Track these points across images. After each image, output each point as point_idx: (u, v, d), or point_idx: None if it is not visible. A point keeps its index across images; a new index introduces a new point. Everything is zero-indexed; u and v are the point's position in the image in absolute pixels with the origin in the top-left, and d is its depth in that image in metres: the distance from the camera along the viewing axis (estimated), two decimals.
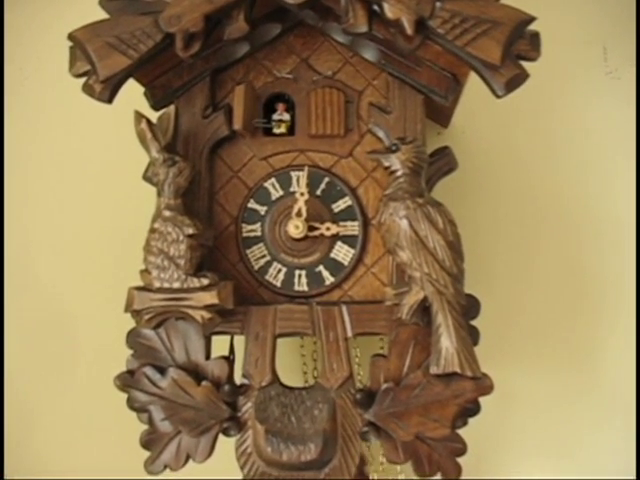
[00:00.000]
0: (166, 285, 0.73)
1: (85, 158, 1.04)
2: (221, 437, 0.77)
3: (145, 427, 0.77)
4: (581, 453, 0.98)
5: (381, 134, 0.79)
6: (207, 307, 0.73)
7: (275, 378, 0.77)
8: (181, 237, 0.73)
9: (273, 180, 0.81)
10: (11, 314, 1.03)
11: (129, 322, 0.76)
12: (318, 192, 0.80)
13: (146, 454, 0.77)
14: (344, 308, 0.77)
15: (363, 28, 0.71)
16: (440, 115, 0.92)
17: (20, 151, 1.05)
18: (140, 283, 0.75)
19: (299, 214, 0.77)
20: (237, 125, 0.78)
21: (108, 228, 1.02)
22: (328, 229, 0.79)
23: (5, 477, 0.95)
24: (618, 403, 0.97)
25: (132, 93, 0.77)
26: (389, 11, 0.68)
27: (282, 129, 0.82)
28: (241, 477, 0.76)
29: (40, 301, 1.03)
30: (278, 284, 0.80)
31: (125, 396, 0.77)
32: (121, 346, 0.78)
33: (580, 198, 1.00)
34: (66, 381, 1.02)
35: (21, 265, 1.04)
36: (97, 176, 1.03)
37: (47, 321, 1.03)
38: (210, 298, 0.73)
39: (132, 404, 0.77)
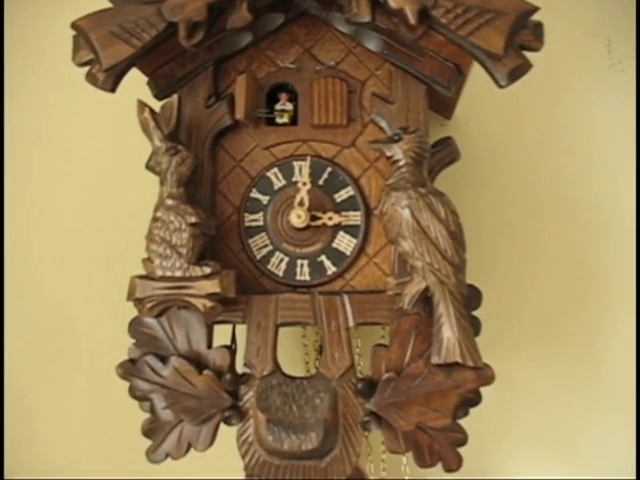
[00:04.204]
0: (168, 274, 0.73)
1: (88, 147, 1.04)
2: (222, 426, 0.77)
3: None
4: (581, 443, 0.98)
5: (384, 124, 0.79)
6: (209, 296, 0.73)
7: (276, 367, 0.78)
8: (183, 226, 0.73)
9: (276, 170, 0.81)
10: (11, 306, 1.03)
11: (131, 312, 0.76)
12: (320, 182, 0.80)
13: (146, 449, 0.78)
14: (346, 298, 0.77)
15: (366, 18, 0.72)
16: (443, 106, 0.92)
17: (22, 142, 1.05)
18: (142, 272, 0.75)
19: (301, 204, 0.77)
20: (239, 115, 0.78)
21: (111, 217, 1.02)
22: (330, 219, 0.79)
23: (5, 477, 0.95)
24: (619, 394, 0.97)
25: (135, 82, 0.76)
26: (392, 1, 0.68)
27: (285, 119, 0.82)
28: (242, 466, 0.76)
29: (40, 292, 1.03)
30: (280, 273, 0.80)
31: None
32: (122, 338, 0.78)
33: (582, 189, 1.00)
34: (67, 379, 1.02)
35: (21, 255, 1.03)
36: (100, 165, 1.03)
37: (47, 313, 1.03)
38: (212, 287, 0.73)
39: (134, 393, 0.77)
